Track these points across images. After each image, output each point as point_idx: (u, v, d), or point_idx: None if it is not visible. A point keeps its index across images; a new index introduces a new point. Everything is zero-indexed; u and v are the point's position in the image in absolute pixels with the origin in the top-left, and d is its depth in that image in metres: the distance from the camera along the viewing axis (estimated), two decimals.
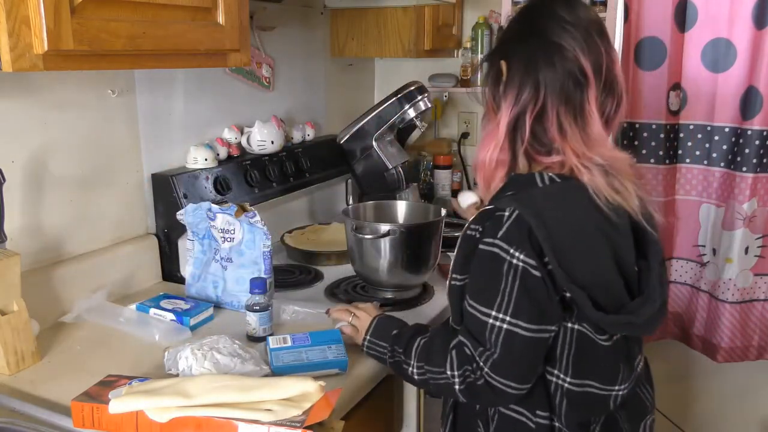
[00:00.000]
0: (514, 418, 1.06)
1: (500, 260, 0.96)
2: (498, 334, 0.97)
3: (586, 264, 0.99)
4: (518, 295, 0.96)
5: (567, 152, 1.02)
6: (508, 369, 0.98)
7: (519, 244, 0.95)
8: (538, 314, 0.97)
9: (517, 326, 0.96)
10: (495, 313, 0.97)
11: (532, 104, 1.03)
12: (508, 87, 1.05)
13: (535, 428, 1.04)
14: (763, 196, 2.00)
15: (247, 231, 1.41)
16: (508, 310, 0.96)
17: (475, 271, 1.01)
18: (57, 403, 1.05)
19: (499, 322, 0.97)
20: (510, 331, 0.96)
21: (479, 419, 1.10)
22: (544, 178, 1.03)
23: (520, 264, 0.95)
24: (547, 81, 1.02)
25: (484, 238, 0.99)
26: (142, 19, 1.05)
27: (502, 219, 0.97)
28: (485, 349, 0.98)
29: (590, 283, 0.98)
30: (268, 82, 1.97)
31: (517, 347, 0.97)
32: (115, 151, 1.52)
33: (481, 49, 2.42)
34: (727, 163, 2.04)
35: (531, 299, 0.96)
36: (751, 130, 1.96)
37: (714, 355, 2.14)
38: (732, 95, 1.99)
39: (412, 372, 1.09)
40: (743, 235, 2.02)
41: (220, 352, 1.11)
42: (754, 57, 1.93)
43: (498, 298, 0.97)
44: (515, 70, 1.04)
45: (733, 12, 1.95)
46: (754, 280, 2.07)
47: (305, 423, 0.87)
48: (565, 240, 0.97)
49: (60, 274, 1.38)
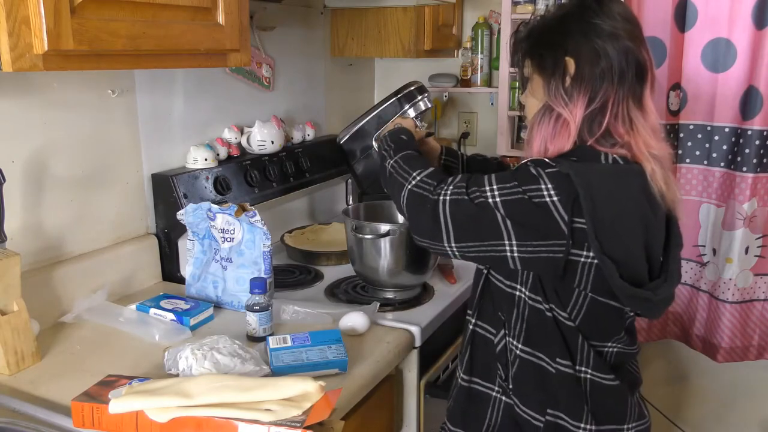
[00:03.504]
0: (534, 362, 1.09)
1: (535, 179, 1.00)
2: (480, 196, 1.03)
3: (621, 242, 1.02)
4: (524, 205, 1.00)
5: (634, 146, 1.05)
6: (458, 215, 1.04)
7: (560, 190, 0.98)
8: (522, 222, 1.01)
9: (497, 208, 1.01)
10: (495, 188, 1.02)
11: (605, 99, 1.05)
12: (578, 83, 1.06)
13: (555, 373, 1.07)
14: (763, 196, 2.00)
15: (247, 231, 1.41)
16: (504, 197, 1.01)
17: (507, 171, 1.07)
18: (57, 403, 1.05)
19: (490, 195, 1.02)
20: (489, 205, 1.02)
21: (498, 362, 1.13)
22: (609, 158, 1.05)
23: (548, 200, 0.99)
24: (617, 76, 1.04)
25: (530, 163, 1.03)
26: (142, 19, 1.05)
27: (553, 166, 1.01)
28: (465, 189, 1.04)
29: (620, 259, 1.01)
30: (268, 82, 1.97)
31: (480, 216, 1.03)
32: (115, 151, 1.52)
33: (481, 49, 2.42)
34: (727, 163, 2.04)
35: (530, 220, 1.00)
36: (751, 130, 1.96)
37: (714, 355, 2.14)
38: (732, 95, 1.99)
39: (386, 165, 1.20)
40: (743, 235, 2.02)
41: (220, 352, 1.11)
42: (754, 57, 1.93)
43: (509, 185, 1.02)
44: (584, 67, 1.05)
45: (733, 12, 1.95)
46: (754, 280, 2.07)
47: (305, 423, 0.87)
48: (607, 215, 0.99)
49: (60, 274, 1.38)
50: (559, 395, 1.08)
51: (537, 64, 1.11)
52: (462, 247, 1.06)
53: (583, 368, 1.07)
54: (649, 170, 1.05)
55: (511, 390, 1.11)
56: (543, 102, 1.10)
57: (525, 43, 1.15)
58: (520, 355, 1.10)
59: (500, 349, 1.12)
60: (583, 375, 1.07)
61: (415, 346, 1.39)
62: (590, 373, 1.07)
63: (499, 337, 1.13)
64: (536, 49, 1.11)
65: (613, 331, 1.10)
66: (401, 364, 1.40)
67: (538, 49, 1.11)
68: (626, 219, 1.03)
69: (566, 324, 1.06)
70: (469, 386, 1.17)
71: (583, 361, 1.07)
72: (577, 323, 1.07)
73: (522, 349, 1.10)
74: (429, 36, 2.22)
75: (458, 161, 1.49)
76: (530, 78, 1.13)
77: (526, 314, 1.08)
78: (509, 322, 1.11)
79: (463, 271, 1.71)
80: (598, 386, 1.07)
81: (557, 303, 1.06)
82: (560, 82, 1.07)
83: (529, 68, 1.13)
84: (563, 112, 1.06)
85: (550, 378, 1.08)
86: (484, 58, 2.44)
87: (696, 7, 2.00)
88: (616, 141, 1.06)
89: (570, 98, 1.06)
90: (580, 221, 0.99)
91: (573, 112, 1.06)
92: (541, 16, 1.15)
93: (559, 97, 1.07)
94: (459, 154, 1.51)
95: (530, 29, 1.14)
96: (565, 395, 1.07)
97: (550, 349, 1.07)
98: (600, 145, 1.06)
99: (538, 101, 1.11)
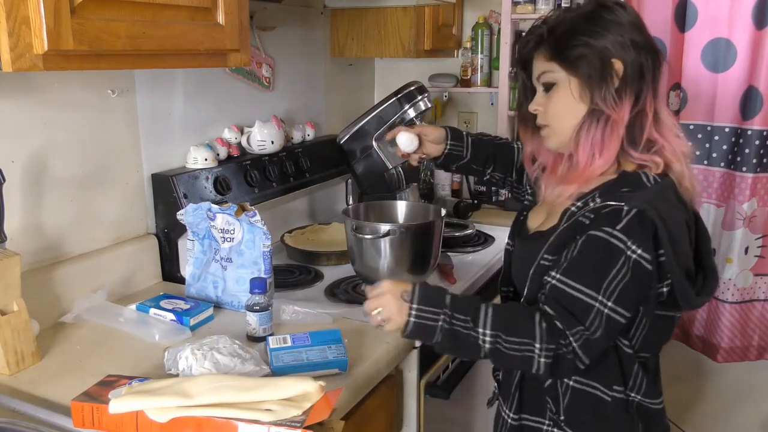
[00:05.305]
0: (588, 392, 1.08)
1: (616, 251, 0.98)
2: (602, 318, 0.99)
3: (684, 256, 1.03)
4: (626, 285, 0.98)
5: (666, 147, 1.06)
6: (596, 350, 1.01)
7: (639, 239, 0.97)
8: (635, 304, 1.01)
9: (617, 312, 0.99)
10: (601, 297, 0.99)
11: (645, 97, 1.06)
12: (624, 84, 1.05)
13: (611, 402, 1.07)
14: (763, 196, 2.00)
15: (247, 231, 1.41)
16: (612, 296, 0.98)
17: (583, 253, 1.02)
18: (57, 403, 1.05)
19: (601, 306, 0.99)
20: (611, 317, 0.99)
21: (548, 395, 1.11)
22: (649, 177, 1.05)
23: (636, 257, 0.97)
24: (649, 72, 1.06)
25: (600, 227, 1.00)
26: (142, 19, 1.05)
27: (621, 212, 0.98)
28: (584, 329, 0.99)
29: (685, 272, 1.02)
30: (268, 82, 1.97)
31: (613, 331, 1.01)
32: (115, 151, 1.52)
33: (481, 49, 2.42)
34: (727, 163, 2.04)
35: (637, 291, 1.00)
36: (751, 130, 1.96)
37: (714, 355, 2.14)
38: (732, 95, 1.99)
39: (482, 341, 1.01)
40: (743, 235, 2.02)
41: (220, 352, 1.11)
42: (754, 57, 1.93)
43: (605, 283, 0.98)
44: (628, 66, 1.05)
45: (733, 12, 1.95)
46: (754, 280, 2.07)
47: (305, 423, 0.87)
48: (678, 237, 1.00)
49: (60, 274, 1.38)
50: (613, 422, 1.09)
51: (575, 68, 1.06)
52: None
53: (632, 393, 1.08)
54: (679, 171, 1.06)
55: (563, 421, 1.10)
56: (586, 106, 1.07)
57: (549, 47, 1.09)
58: (573, 386, 1.09)
59: (550, 383, 1.11)
60: (631, 399, 1.08)
61: (415, 346, 1.39)
62: (638, 398, 1.08)
63: None
64: (571, 53, 1.06)
65: (664, 340, 1.12)
66: (401, 364, 1.40)
67: (574, 51, 1.06)
68: (683, 236, 1.03)
69: (625, 351, 1.07)
70: (520, 424, 1.16)
71: (635, 386, 1.08)
72: (636, 347, 1.07)
73: (576, 380, 1.08)
74: (429, 36, 2.22)
75: (463, 144, 1.48)
76: (558, 83, 1.09)
77: None
78: None
79: (463, 271, 1.71)
80: (644, 410, 1.09)
81: (623, 333, 1.06)
82: (610, 84, 1.05)
83: (559, 73, 1.08)
84: (613, 115, 1.04)
85: (606, 406, 1.08)
86: (484, 58, 2.44)
87: (696, 7, 2.00)
88: (653, 145, 1.07)
89: (620, 100, 1.05)
90: (660, 254, 0.99)
91: (621, 114, 1.05)
92: (555, 18, 1.10)
93: (609, 99, 1.04)
94: (464, 135, 1.49)
95: (552, 32, 1.09)
96: (619, 421, 1.08)
97: (607, 378, 1.07)
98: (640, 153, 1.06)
99: (577, 107, 1.07)
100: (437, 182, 2.48)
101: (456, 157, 1.49)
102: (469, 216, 2.30)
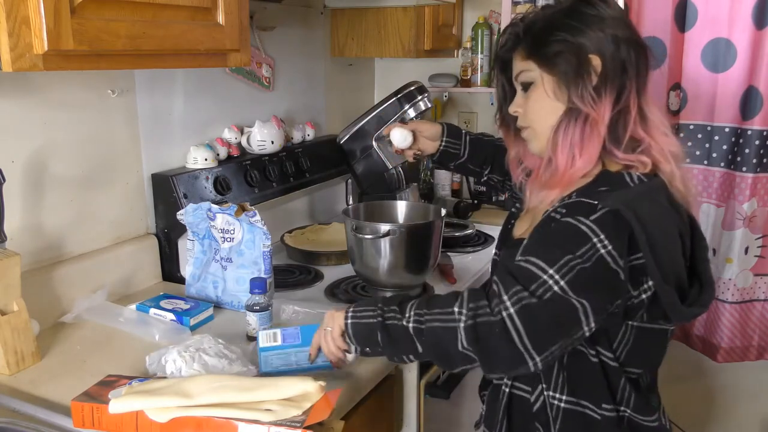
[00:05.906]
0: (578, 412, 1.03)
1: (584, 237, 0.91)
2: (549, 291, 0.90)
3: (674, 265, 0.97)
4: (585, 271, 0.90)
5: (654, 147, 1.01)
6: (539, 323, 0.90)
7: (611, 237, 0.91)
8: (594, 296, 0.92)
9: (568, 294, 0.90)
10: (552, 272, 0.90)
11: (628, 94, 1.01)
12: (604, 80, 1.00)
13: (601, 419, 1.02)
14: (763, 196, 2.00)
15: (247, 231, 1.41)
16: (566, 276, 0.90)
17: (546, 234, 0.96)
18: (57, 403, 1.05)
19: (550, 279, 0.90)
20: (560, 296, 0.90)
21: (537, 421, 1.06)
22: (633, 177, 1.00)
23: (605, 252, 0.90)
24: (633, 68, 1.01)
25: (571, 216, 0.94)
26: (142, 19, 1.05)
27: (596, 207, 0.93)
28: (524, 290, 0.90)
29: (674, 281, 0.96)
30: (268, 82, 1.97)
31: (564, 317, 0.91)
32: (115, 151, 1.52)
33: (481, 49, 2.42)
34: (727, 163, 2.04)
35: (597, 283, 0.91)
36: (751, 130, 1.96)
37: (714, 356, 2.14)
38: (732, 95, 1.99)
39: (406, 324, 0.97)
40: (743, 235, 2.02)
41: (207, 353, 1.09)
42: (754, 57, 1.93)
43: (562, 261, 0.90)
44: (608, 62, 1.00)
45: (733, 12, 1.95)
46: (754, 280, 2.07)
47: (305, 423, 0.87)
48: (659, 241, 0.93)
49: (60, 274, 1.38)
50: None
51: (552, 65, 1.02)
52: (545, 355, 0.91)
53: (622, 407, 1.04)
54: (668, 172, 1.01)
55: None
56: (564, 105, 1.02)
57: (526, 45, 1.06)
58: (564, 407, 1.03)
59: (539, 407, 1.05)
60: (621, 414, 1.03)
61: None
62: (629, 413, 1.03)
63: (537, 393, 1.05)
64: (548, 49, 1.02)
65: (657, 355, 1.07)
66: (401, 364, 1.40)
67: (551, 48, 1.02)
68: (670, 239, 0.97)
69: (610, 364, 1.01)
70: None
71: (623, 400, 1.03)
72: (621, 359, 1.02)
73: (566, 400, 1.03)
74: (429, 36, 2.22)
75: (460, 142, 1.45)
76: (536, 82, 1.05)
77: (565, 361, 1.02)
78: (546, 374, 1.03)
79: (463, 271, 1.71)
80: (636, 426, 1.04)
81: (605, 344, 1.01)
82: (587, 81, 1.00)
83: (535, 71, 1.04)
84: (591, 113, 0.99)
85: (597, 425, 1.03)
86: (484, 58, 2.44)
87: (696, 7, 2.00)
88: (638, 144, 1.02)
89: (599, 97, 0.99)
90: (637, 257, 0.93)
91: (600, 112, 0.99)
92: (533, 16, 1.06)
93: (587, 97, 0.99)
94: (462, 133, 1.46)
95: (529, 30, 1.05)
96: None
97: (595, 395, 1.02)
98: (624, 153, 1.01)
99: (554, 106, 1.03)
100: (437, 182, 2.48)
101: (452, 156, 1.48)
102: (469, 216, 2.30)
